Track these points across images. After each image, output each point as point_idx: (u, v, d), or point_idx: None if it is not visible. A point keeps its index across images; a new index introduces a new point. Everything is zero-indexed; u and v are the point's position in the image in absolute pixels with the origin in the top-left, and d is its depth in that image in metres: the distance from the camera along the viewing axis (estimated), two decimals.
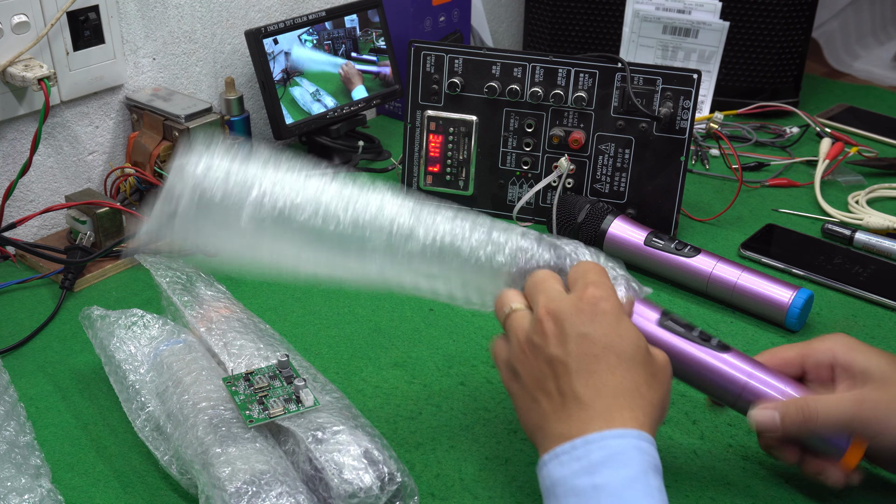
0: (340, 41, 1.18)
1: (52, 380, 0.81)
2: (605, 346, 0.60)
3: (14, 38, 0.93)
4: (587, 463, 0.56)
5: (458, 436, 0.75)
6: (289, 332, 0.87)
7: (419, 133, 1.07)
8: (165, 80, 1.10)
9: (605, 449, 0.56)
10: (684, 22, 1.28)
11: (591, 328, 0.60)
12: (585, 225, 0.97)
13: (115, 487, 0.69)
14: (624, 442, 0.57)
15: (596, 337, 0.60)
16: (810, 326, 0.90)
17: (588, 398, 0.59)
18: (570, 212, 0.99)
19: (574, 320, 0.61)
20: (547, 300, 0.62)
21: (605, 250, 0.90)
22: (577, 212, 0.98)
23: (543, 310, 0.62)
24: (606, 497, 0.55)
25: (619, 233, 0.96)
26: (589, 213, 0.97)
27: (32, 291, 0.93)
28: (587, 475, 0.56)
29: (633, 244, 0.95)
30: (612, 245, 0.96)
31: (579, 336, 0.60)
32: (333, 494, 0.61)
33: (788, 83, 1.36)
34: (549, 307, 0.62)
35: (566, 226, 0.99)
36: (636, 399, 0.59)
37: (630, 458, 0.56)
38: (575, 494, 0.56)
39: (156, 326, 0.77)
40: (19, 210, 1.00)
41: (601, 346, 0.60)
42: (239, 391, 0.68)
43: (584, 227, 0.97)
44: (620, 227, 0.96)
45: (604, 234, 0.96)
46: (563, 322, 0.61)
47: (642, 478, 0.56)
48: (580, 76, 1.01)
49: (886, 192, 1.14)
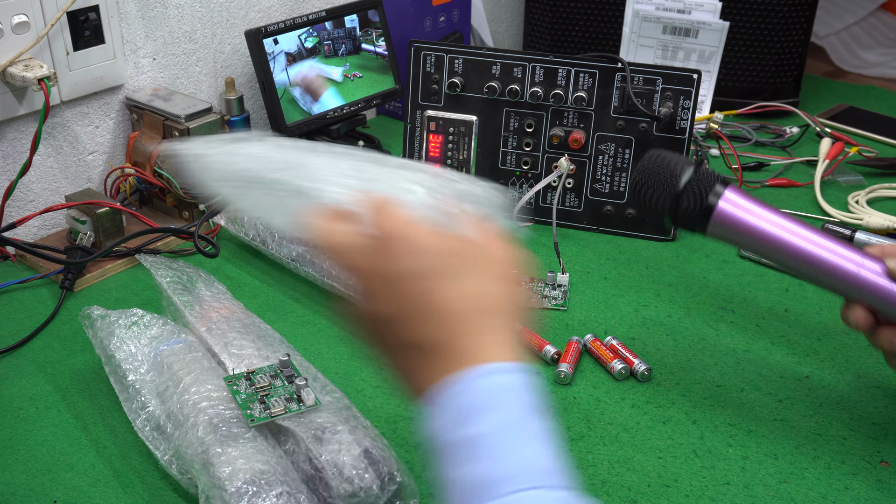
0: (340, 41, 1.18)
1: (52, 380, 0.81)
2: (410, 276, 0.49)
3: (14, 38, 0.93)
4: (458, 413, 0.47)
5: None
6: (289, 332, 0.87)
7: (419, 133, 1.07)
8: (165, 80, 1.10)
9: (476, 393, 0.47)
10: (684, 22, 1.28)
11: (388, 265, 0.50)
12: (688, 189, 0.70)
13: (114, 487, 0.69)
14: (495, 381, 0.48)
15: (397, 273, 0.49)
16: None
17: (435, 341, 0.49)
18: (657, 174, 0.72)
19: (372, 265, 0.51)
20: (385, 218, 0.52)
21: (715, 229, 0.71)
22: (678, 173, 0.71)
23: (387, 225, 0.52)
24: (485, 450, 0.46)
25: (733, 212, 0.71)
26: (694, 175, 0.71)
27: (32, 291, 0.93)
28: (463, 427, 0.47)
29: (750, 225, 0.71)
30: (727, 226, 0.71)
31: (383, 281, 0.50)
32: (333, 494, 0.62)
33: (788, 83, 1.36)
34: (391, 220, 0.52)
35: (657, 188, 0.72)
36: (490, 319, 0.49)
37: (507, 399, 0.47)
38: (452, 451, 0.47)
39: (156, 326, 0.77)
40: (19, 210, 1.00)
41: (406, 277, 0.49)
42: (240, 390, 0.68)
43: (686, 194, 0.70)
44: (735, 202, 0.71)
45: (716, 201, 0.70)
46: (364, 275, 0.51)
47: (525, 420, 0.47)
48: (580, 76, 1.01)
49: (886, 192, 1.14)
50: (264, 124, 1.23)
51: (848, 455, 0.73)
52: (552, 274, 0.94)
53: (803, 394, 0.80)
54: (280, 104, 1.12)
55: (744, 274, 0.98)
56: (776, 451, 0.74)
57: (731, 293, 0.94)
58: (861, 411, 0.77)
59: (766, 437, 0.75)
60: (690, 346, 0.86)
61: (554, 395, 0.79)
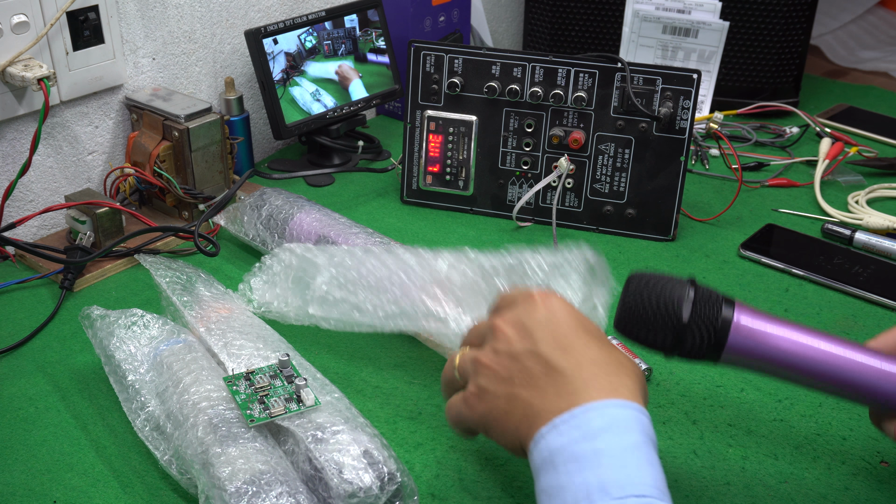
0: (340, 41, 1.18)
1: (52, 380, 0.81)
2: (573, 327, 0.59)
3: (14, 38, 0.93)
4: (587, 430, 0.54)
5: (458, 436, 0.75)
6: (289, 332, 0.86)
7: (419, 133, 1.07)
8: (165, 79, 1.10)
9: (606, 417, 0.54)
10: (684, 22, 1.28)
11: (552, 314, 0.59)
12: (693, 324, 0.61)
13: (114, 487, 0.69)
14: (625, 412, 0.55)
15: (559, 320, 0.59)
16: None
17: (572, 371, 0.56)
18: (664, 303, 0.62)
19: (532, 313, 0.60)
20: (494, 318, 0.62)
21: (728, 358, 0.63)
22: (678, 306, 0.61)
23: (497, 320, 0.61)
24: (609, 460, 0.52)
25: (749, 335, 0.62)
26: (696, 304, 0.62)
27: (32, 291, 0.93)
28: (587, 441, 0.53)
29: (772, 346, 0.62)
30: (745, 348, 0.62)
31: (541, 324, 0.59)
32: (333, 494, 0.61)
33: (788, 83, 1.36)
34: (501, 316, 0.61)
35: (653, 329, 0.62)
36: (625, 373, 0.57)
37: (631, 427, 0.54)
38: (575, 460, 0.53)
39: (156, 326, 0.77)
40: (19, 210, 1.00)
41: (567, 326, 0.59)
42: (240, 390, 0.68)
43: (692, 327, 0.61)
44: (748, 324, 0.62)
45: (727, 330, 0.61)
46: (521, 320, 0.60)
47: (643, 447, 0.53)
48: (580, 76, 1.01)
49: (886, 191, 1.14)
50: (264, 124, 1.23)
51: (848, 455, 0.73)
52: None
53: (803, 394, 0.80)
54: (280, 104, 1.12)
55: (744, 274, 0.98)
56: (776, 451, 0.73)
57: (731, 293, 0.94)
58: (861, 411, 0.77)
59: (766, 437, 0.75)
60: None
61: None
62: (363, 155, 1.22)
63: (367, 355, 0.84)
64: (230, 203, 1.02)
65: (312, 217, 0.95)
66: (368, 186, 1.15)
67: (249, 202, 0.99)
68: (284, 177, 1.13)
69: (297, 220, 0.95)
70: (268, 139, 1.25)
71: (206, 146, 1.02)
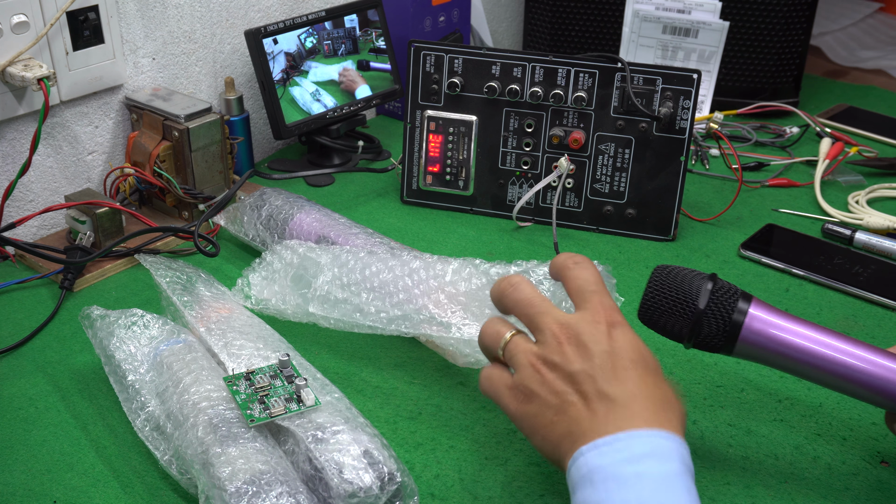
0: (340, 41, 1.18)
1: (52, 380, 0.81)
2: (632, 360, 0.59)
3: (14, 38, 0.93)
4: (630, 454, 0.55)
5: (458, 436, 0.75)
6: (289, 332, 0.86)
7: (419, 133, 1.07)
8: (165, 79, 1.10)
9: (650, 444, 0.56)
10: (684, 22, 1.28)
11: (614, 344, 0.60)
12: (710, 312, 0.65)
13: (114, 487, 0.69)
14: (669, 443, 0.56)
15: (621, 352, 0.59)
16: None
17: (624, 400, 0.58)
18: (683, 292, 0.65)
19: (596, 337, 0.60)
20: (556, 320, 0.61)
21: (740, 349, 0.66)
22: (696, 294, 0.65)
23: (557, 327, 0.61)
24: (650, 483, 0.54)
25: (762, 325, 0.65)
26: (713, 298, 0.65)
27: (32, 291, 0.93)
28: (630, 464, 0.55)
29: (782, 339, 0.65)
30: (750, 342, 0.65)
31: (603, 353, 0.59)
32: (333, 494, 0.61)
33: (788, 83, 1.36)
34: (562, 324, 0.61)
35: (672, 315, 0.66)
36: (671, 409, 0.58)
37: (673, 457, 0.55)
38: (615, 479, 0.54)
39: (155, 326, 0.77)
40: (19, 210, 1.00)
41: (628, 359, 0.59)
42: (240, 390, 0.68)
43: (709, 314, 0.65)
44: (761, 316, 0.65)
45: (741, 322, 0.65)
46: (583, 340, 0.60)
47: (683, 476, 0.55)
48: (580, 76, 1.01)
49: (886, 191, 1.14)
50: (264, 124, 1.23)
51: (848, 455, 0.73)
52: None
53: (803, 394, 0.80)
54: (280, 104, 1.12)
55: (744, 274, 0.98)
56: (776, 451, 0.73)
57: None
58: (861, 411, 0.77)
59: (766, 437, 0.75)
60: None
61: None
62: (363, 155, 1.22)
63: (367, 355, 0.84)
64: (230, 203, 1.02)
65: (312, 217, 0.95)
66: (368, 186, 1.15)
67: (249, 202, 0.99)
68: (284, 177, 1.13)
69: (297, 221, 0.95)
70: (268, 139, 1.25)
71: (206, 146, 1.02)
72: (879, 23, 1.78)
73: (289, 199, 0.98)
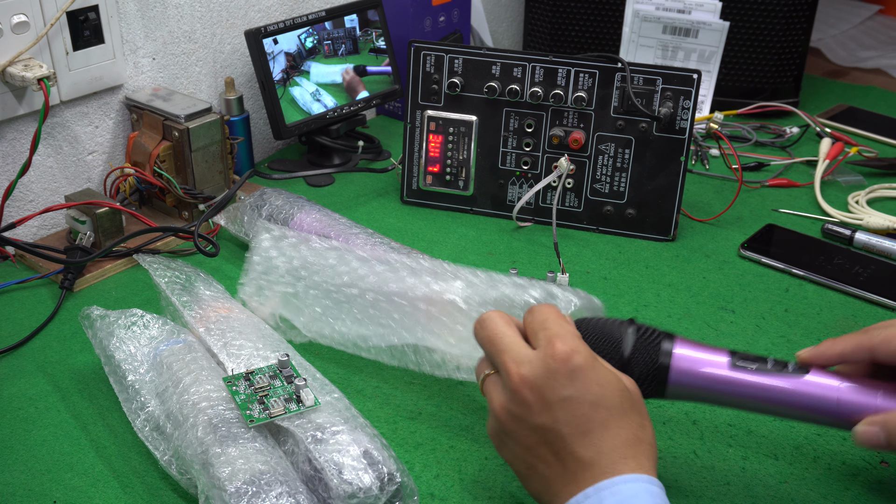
0: (340, 41, 1.18)
1: (52, 380, 0.81)
2: (592, 403, 0.58)
3: (14, 38, 0.93)
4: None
5: (458, 436, 0.75)
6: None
7: (419, 133, 1.07)
8: (165, 79, 1.10)
9: (617, 494, 0.56)
10: (684, 22, 1.28)
11: (573, 389, 0.58)
12: (636, 359, 0.65)
13: (114, 487, 0.69)
14: (635, 486, 0.56)
15: (580, 397, 0.58)
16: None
17: (590, 458, 0.58)
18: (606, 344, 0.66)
19: (552, 384, 0.58)
20: (514, 363, 0.60)
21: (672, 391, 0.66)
22: (620, 344, 0.65)
23: (515, 377, 0.60)
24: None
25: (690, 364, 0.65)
26: (637, 344, 0.65)
27: (32, 291, 0.93)
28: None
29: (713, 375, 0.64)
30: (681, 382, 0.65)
31: (562, 401, 0.58)
32: (333, 495, 0.61)
33: (788, 83, 1.36)
34: (520, 374, 0.60)
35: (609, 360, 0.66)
36: (636, 446, 0.58)
37: (642, 500, 0.56)
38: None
39: (155, 326, 0.77)
40: (19, 210, 1.00)
41: (588, 404, 0.58)
42: (239, 391, 0.68)
43: (635, 361, 0.65)
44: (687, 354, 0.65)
45: (666, 371, 0.65)
46: (541, 389, 0.59)
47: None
48: (580, 76, 1.01)
49: (886, 192, 1.14)
50: (264, 124, 1.23)
51: (848, 455, 0.73)
52: (552, 274, 0.94)
53: None
54: (280, 104, 1.12)
55: (744, 274, 0.98)
56: (776, 451, 0.73)
57: (731, 293, 0.94)
58: None
59: (766, 437, 0.75)
60: None
61: None
62: (363, 155, 1.22)
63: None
64: (230, 203, 1.02)
65: (312, 217, 0.95)
66: (368, 186, 1.15)
67: (249, 202, 0.99)
68: (284, 177, 1.13)
69: (298, 221, 0.95)
70: (268, 139, 1.25)
71: (206, 146, 1.02)
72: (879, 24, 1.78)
73: (289, 199, 0.98)
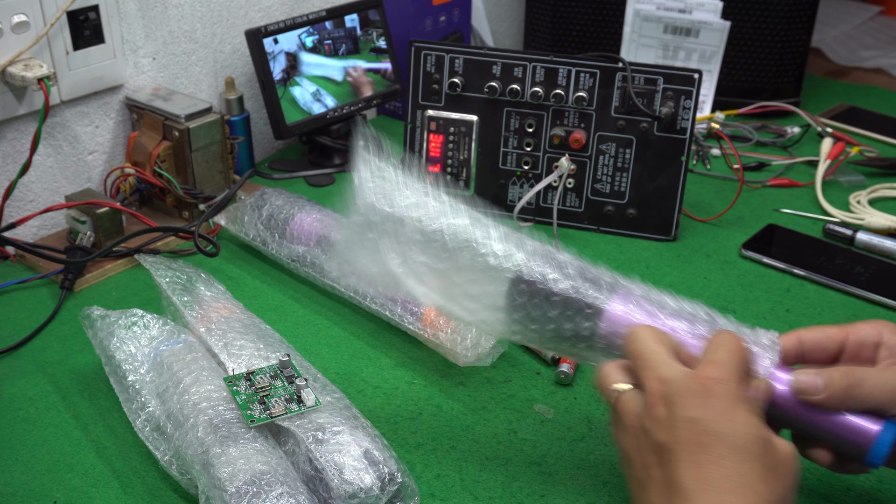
0: (341, 41, 1.18)
1: (52, 380, 0.81)
2: (715, 434, 0.54)
3: (14, 38, 0.93)
4: None
5: (458, 436, 0.75)
6: (289, 332, 0.87)
7: (419, 133, 1.07)
8: (165, 79, 1.10)
9: None
10: (685, 21, 1.28)
11: (701, 412, 0.55)
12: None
13: (114, 488, 0.69)
14: None
15: (705, 422, 0.54)
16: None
17: (692, 490, 0.53)
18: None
19: (684, 402, 0.55)
20: (657, 377, 0.58)
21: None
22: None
23: (655, 391, 0.57)
24: None
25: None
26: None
27: (32, 291, 0.93)
28: None
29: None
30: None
31: (688, 420, 0.55)
32: (334, 495, 0.61)
33: (789, 83, 1.36)
34: (660, 388, 0.57)
35: None
36: (747, 496, 0.53)
37: None
38: None
39: (156, 326, 0.77)
40: (19, 210, 1.00)
41: (710, 433, 0.54)
42: (240, 391, 0.68)
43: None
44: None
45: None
46: (673, 404, 0.56)
47: None
48: (581, 76, 1.01)
49: (888, 192, 1.14)
50: (264, 124, 1.23)
51: None
52: None
53: None
54: (280, 104, 1.12)
55: (745, 274, 0.97)
56: None
57: (733, 293, 0.94)
58: None
59: None
60: None
61: (555, 396, 0.79)
62: None
63: (368, 355, 0.84)
64: (231, 203, 1.02)
65: (313, 217, 0.95)
66: None
67: (250, 202, 0.99)
68: (285, 177, 1.13)
69: (298, 221, 0.95)
70: (268, 139, 1.25)
71: (206, 146, 1.02)
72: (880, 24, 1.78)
73: (289, 198, 0.98)
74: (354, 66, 1.19)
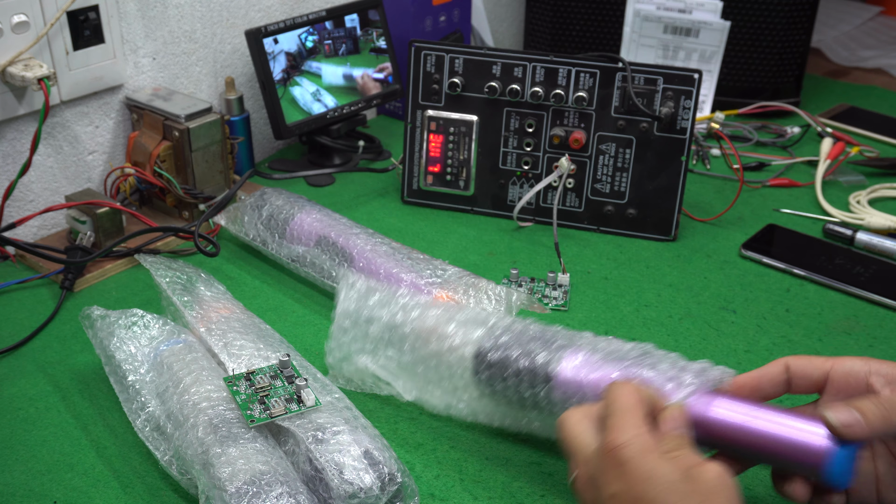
0: (341, 41, 1.18)
1: (52, 380, 0.81)
2: (635, 500, 0.55)
3: (14, 38, 0.93)
4: None
5: (458, 436, 0.75)
6: (289, 332, 0.87)
7: (419, 133, 1.07)
8: (165, 79, 1.10)
9: None
10: (685, 21, 1.28)
11: (619, 485, 0.56)
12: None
13: (114, 488, 0.69)
14: None
15: (626, 493, 0.56)
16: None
17: None
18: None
19: (605, 480, 0.57)
20: (581, 460, 0.59)
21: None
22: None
23: (581, 476, 0.59)
24: None
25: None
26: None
27: (32, 291, 0.93)
28: None
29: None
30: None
31: (611, 498, 0.56)
32: (334, 495, 0.61)
33: (789, 83, 1.36)
34: (584, 471, 0.59)
35: None
36: None
37: None
38: None
39: (156, 326, 0.77)
40: (19, 210, 1.00)
41: (630, 500, 0.55)
42: (240, 391, 0.68)
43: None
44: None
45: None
46: (596, 488, 0.58)
47: None
48: (581, 76, 1.01)
49: (888, 191, 1.14)
50: (264, 124, 1.23)
51: None
52: (553, 274, 0.94)
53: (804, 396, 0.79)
54: (280, 104, 1.12)
55: (745, 274, 0.97)
56: None
57: (733, 293, 0.94)
58: None
59: None
60: (691, 346, 0.86)
61: None
62: (364, 155, 1.22)
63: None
64: (231, 203, 1.02)
65: (313, 217, 0.95)
66: (369, 186, 1.15)
67: (250, 202, 0.99)
68: (285, 177, 1.13)
69: (298, 221, 0.95)
70: (268, 139, 1.25)
71: (206, 146, 1.02)
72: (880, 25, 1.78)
73: (289, 199, 0.98)
74: (362, 75, 1.19)
